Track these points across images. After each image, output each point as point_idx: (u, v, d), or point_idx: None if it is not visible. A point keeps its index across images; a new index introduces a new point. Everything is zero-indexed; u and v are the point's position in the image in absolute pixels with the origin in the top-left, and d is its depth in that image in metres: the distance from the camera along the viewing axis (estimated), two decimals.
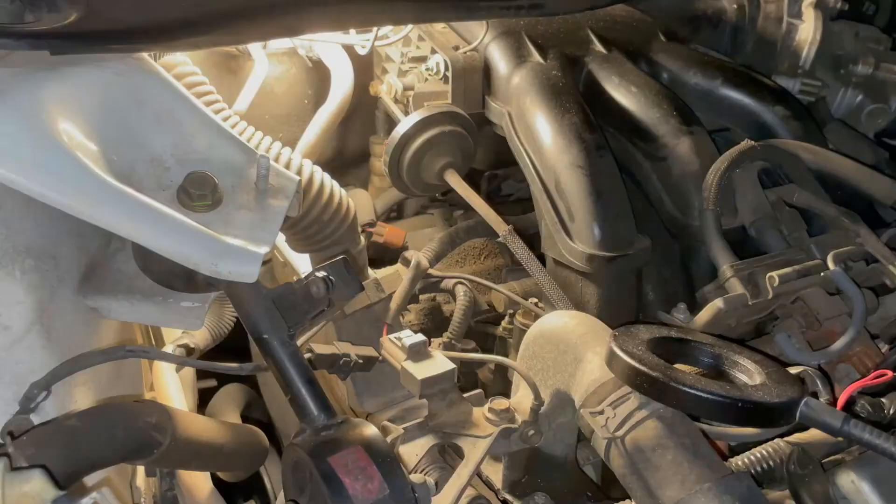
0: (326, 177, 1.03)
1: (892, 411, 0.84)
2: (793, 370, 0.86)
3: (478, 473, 0.82)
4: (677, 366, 0.75)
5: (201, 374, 1.39)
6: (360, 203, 1.34)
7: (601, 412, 0.79)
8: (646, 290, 1.19)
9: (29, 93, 0.65)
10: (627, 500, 0.78)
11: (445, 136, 1.21)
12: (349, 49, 1.39)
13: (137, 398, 0.92)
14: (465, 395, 0.87)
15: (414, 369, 0.81)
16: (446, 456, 0.84)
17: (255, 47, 1.35)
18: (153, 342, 1.24)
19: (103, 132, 0.70)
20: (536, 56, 1.24)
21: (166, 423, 0.74)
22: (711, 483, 0.70)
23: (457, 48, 1.26)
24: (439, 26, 1.31)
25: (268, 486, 1.32)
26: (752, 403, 0.70)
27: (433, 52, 1.29)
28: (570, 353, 0.85)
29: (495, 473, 0.88)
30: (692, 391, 0.71)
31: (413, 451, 0.82)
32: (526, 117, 1.17)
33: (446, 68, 1.25)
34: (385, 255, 1.38)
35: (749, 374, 0.76)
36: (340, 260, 0.74)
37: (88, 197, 0.63)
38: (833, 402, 0.83)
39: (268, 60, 1.36)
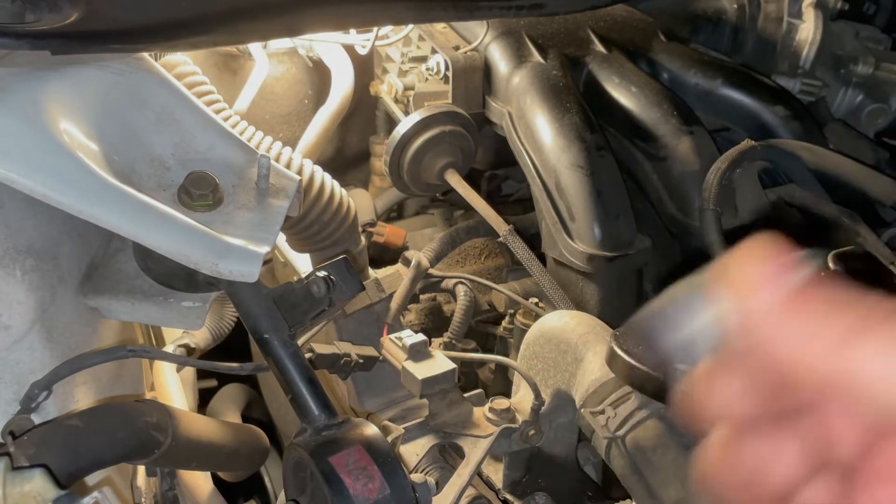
0: (327, 177, 1.03)
1: None
2: None
3: (478, 473, 0.82)
4: (678, 365, 0.75)
5: (202, 374, 1.39)
6: (360, 203, 1.34)
7: (602, 412, 0.79)
8: (646, 290, 1.19)
9: (29, 93, 0.65)
10: (628, 500, 0.79)
11: (446, 136, 1.21)
12: (349, 49, 1.39)
13: (138, 398, 0.92)
14: (465, 394, 0.87)
15: (414, 369, 0.81)
16: (447, 456, 0.84)
17: (255, 47, 1.35)
18: (154, 342, 1.24)
19: (104, 132, 0.70)
20: (537, 56, 1.24)
21: (167, 422, 0.74)
22: None
23: (457, 48, 1.26)
24: (440, 26, 1.31)
25: (268, 485, 1.32)
26: None
27: (433, 52, 1.29)
28: (571, 352, 0.85)
29: (496, 473, 0.88)
30: None
31: (414, 451, 0.82)
32: (526, 117, 1.18)
33: (446, 68, 1.25)
34: (385, 255, 1.38)
35: None
36: (341, 260, 0.74)
37: (89, 196, 0.62)
38: None
39: (268, 60, 1.36)
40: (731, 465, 0.29)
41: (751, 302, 0.27)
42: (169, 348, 1.21)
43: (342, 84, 1.39)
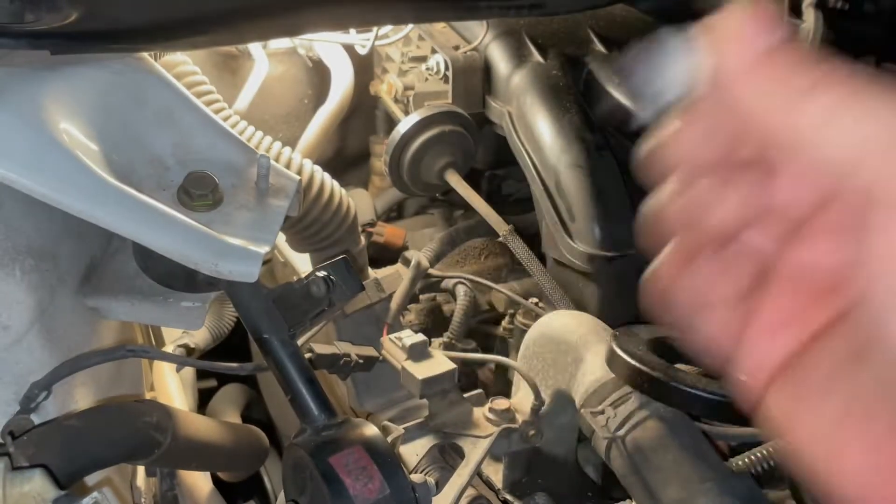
0: (327, 176, 1.03)
1: None
2: None
3: (478, 473, 0.82)
4: (678, 366, 0.75)
5: (201, 374, 1.39)
6: (360, 203, 1.34)
7: (602, 412, 0.79)
8: None
9: (29, 92, 0.65)
10: (628, 501, 0.78)
11: (446, 136, 1.21)
12: (349, 49, 1.39)
13: (138, 398, 0.92)
14: (465, 395, 0.87)
15: (414, 369, 0.81)
16: (447, 456, 0.84)
17: (255, 47, 1.35)
18: (153, 342, 1.24)
19: (103, 132, 0.70)
20: (537, 56, 1.24)
21: (167, 423, 0.73)
22: (712, 483, 0.70)
23: (457, 48, 1.26)
24: (440, 26, 1.31)
25: (268, 486, 1.32)
26: None
27: (433, 51, 1.29)
28: (571, 353, 0.85)
29: (496, 473, 0.88)
30: (693, 391, 0.71)
31: (413, 451, 0.82)
32: (526, 117, 1.17)
33: (446, 68, 1.24)
34: (385, 255, 1.38)
35: None
36: (341, 260, 0.73)
37: (89, 196, 0.62)
38: None
39: (268, 60, 1.36)
40: (677, 205, 0.31)
41: (726, 54, 0.28)
42: (168, 348, 1.21)
43: (342, 84, 1.39)
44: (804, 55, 0.27)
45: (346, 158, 1.70)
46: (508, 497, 0.85)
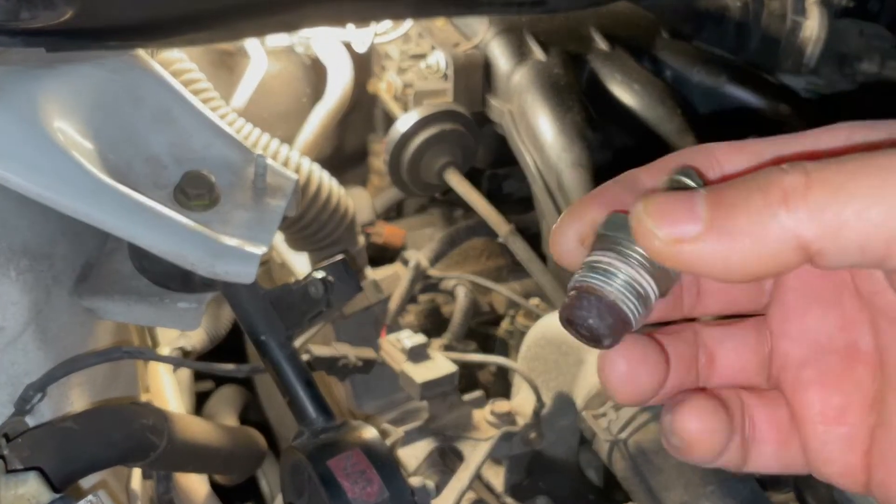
0: (325, 175, 1.02)
1: None
2: None
3: (479, 476, 0.82)
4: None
5: (198, 376, 1.39)
6: (359, 202, 1.33)
7: (604, 414, 0.78)
8: None
9: (24, 91, 0.65)
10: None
11: (446, 135, 1.20)
12: (348, 46, 1.38)
13: (134, 400, 0.91)
14: (465, 397, 0.86)
15: (414, 371, 0.81)
16: (446, 459, 0.83)
17: (252, 44, 1.34)
18: (149, 343, 1.23)
19: (99, 130, 0.69)
20: (538, 53, 1.23)
21: (163, 425, 0.73)
22: (715, 486, 0.69)
23: (457, 45, 1.25)
24: (439, 23, 1.30)
25: (265, 489, 1.32)
26: None
27: (433, 49, 1.28)
28: (572, 354, 0.84)
29: (496, 476, 0.87)
30: None
31: (413, 454, 0.82)
32: (527, 115, 1.17)
33: (447, 66, 1.24)
34: (385, 255, 1.37)
35: None
36: (339, 260, 0.73)
37: (84, 196, 0.62)
38: None
39: (266, 57, 1.35)
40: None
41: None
42: (165, 350, 1.20)
43: (340, 81, 1.38)
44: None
45: (344, 157, 1.69)
46: (509, 500, 0.84)
